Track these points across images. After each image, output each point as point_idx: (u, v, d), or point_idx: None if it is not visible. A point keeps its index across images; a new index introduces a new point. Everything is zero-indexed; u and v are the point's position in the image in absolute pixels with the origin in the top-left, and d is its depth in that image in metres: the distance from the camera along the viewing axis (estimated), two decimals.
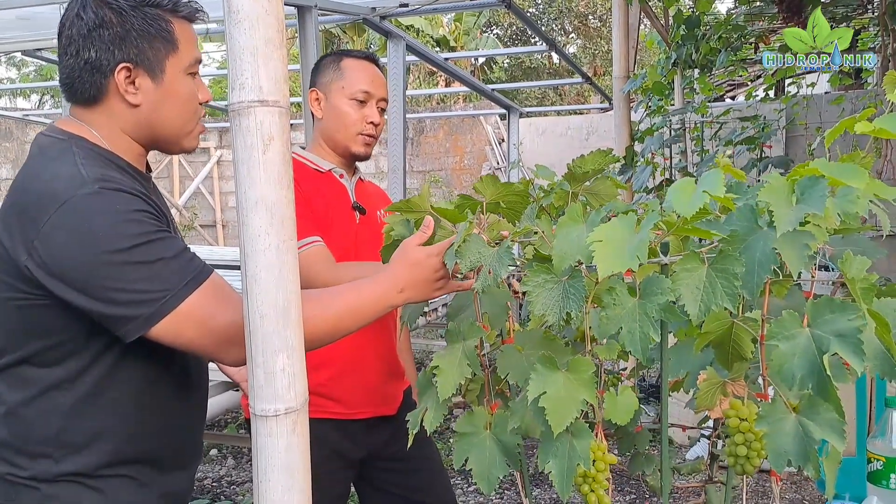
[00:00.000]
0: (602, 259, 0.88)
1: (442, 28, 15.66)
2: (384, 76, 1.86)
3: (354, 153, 1.80)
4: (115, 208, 1.07)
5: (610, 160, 1.34)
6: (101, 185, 1.08)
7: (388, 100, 1.85)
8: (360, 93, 1.76)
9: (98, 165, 1.14)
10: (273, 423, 0.93)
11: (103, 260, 1.05)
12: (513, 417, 1.08)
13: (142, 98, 1.18)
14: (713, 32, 4.24)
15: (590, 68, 15.89)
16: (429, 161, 10.18)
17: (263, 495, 0.95)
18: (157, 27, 1.17)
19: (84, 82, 1.16)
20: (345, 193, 1.82)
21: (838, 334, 0.91)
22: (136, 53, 1.16)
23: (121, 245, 1.05)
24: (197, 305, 1.07)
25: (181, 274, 1.07)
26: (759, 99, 5.74)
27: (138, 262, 1.06)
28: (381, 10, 3.35)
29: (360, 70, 1.79)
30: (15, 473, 1.14)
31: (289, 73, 0.99)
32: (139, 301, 1.06)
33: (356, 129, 1.77)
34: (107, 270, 1.05)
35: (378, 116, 1.79)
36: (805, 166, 0.99)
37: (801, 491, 3.39)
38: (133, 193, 1.10)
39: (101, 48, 1.14)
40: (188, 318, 1.07)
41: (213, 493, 3.54)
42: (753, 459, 1.09)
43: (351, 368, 1.77)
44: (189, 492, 1.35)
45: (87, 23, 1.14)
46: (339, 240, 1.73)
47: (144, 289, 1.06)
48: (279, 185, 0.92)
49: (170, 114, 1.21)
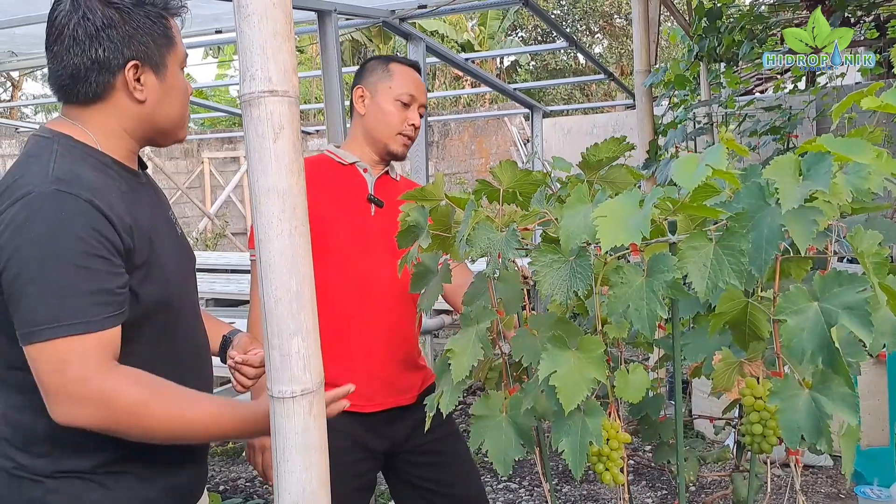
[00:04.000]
0: (605, 233, 0.90)
1: (466, 33, 15.70)
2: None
3: (392, 151, 1.88)
4: (60, 216, 1.07)
5: (624, 148, 1.34)
6: (58, 187, 1.09)
7: (426, 106, 1.93)
8: (405, 95, 1.85)
9: (72, 163, 1.14)
10: (290, 404, 0.96)
11: (25, 263, 1.06)
12: (526, 398, 1.09)
13: (147, 94, 1.21)
14: (736, 24, 4.20)
15: (616, 67, 15.80)
16: (454, 163, 10.22)
17: (283, 476, 0.97)
18: (158, 25, 1.21)
19: (89, 81, 1.18)
20: (363, 186, 1.86)
21: (846, 307, 0.91)
22: (143, 51, 1.19)
23: (44, 256, 1.06)
24: (62, 350, 1.05)
25: (73, 314, 1.06)
26: (788, 91, 5.67)
27: (48, 280, 1.06)
28: (400, 12, 3.38)
29: (407, 75, 1.89)
30: (18, 468, 1.16)
31: (312, 78, 1.02)
32: (27, 318, 1.06)
33: (397, 129, 1.86)
34: (26, 272, 1.06)
35: (418, 120, 1.89)
36: (812, 143, 0.99)
37: (837, 485, 3.34)
38: (94, 204, 1.09)
39: (109, 47, 1.16)
40: (44, 356, 1.05)
41: (245, 493, 3.59)
42: (770, 438, 1.09)
43: (363, 361, 1.79)
44: (199, 484, 1.35)
45: (95, 23, 1.16)
46: (346, 229, 1.79)
47: (36, 307, 1.06)
48: (290, 173, 0.94)
49: (171, 107, 1.25)
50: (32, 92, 19.97)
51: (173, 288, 1.25)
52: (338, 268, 1.78)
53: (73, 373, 1.05)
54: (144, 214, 1.21)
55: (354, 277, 1.80)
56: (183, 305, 1.29)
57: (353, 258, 1.80)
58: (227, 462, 4.06)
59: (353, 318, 1.80)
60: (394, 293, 1.82)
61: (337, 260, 1.78)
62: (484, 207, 1.22)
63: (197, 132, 12.51)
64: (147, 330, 1.20)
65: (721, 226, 0.99)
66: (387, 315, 1.82)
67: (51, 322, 1.05)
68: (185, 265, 1.34)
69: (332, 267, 1.77)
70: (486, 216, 1.14)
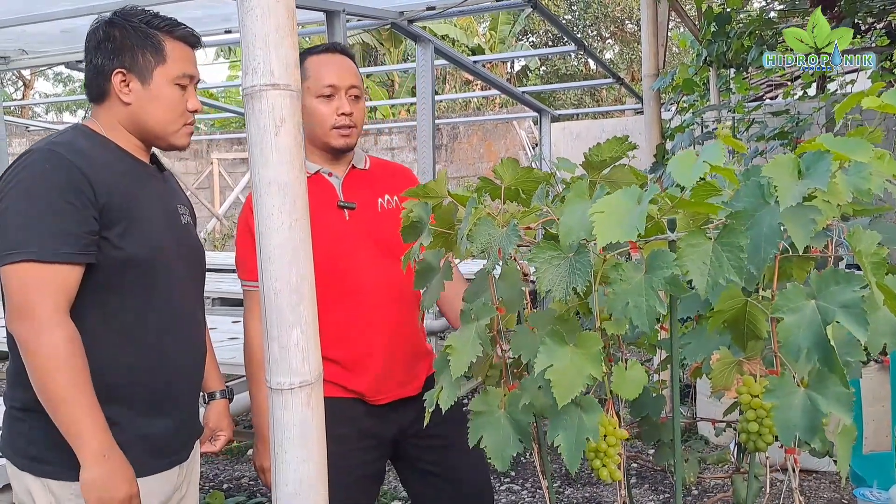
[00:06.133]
0: (602, 230, 0.90)
1: (477, 37, 15.72)
2: (352, 62, 1.85)
3: (334, 147, 1.81)
4: (46, 165, 1.33)
5: (626, 147, 1.35)
6: (51, 147, 1.35)
7: (359, 85, 1.83)
8: (324, 88, 1.77)
9: (74, 138, 1.42)
10: (288, 396, 0.97)
11: (10, 199, 1.32)
12: (524, 394, 1.10)
13: (132, 98, 1.46)
14: (745, 29, 4.19)
15: (627, 73, 15.79)
16: (463, 167, 10.23)
17: (280, 467, 0.98)
18: (150, 42, 1.46)
19: (94, 84, 1.48)
20: (332, 193, 1.83)
21: (843, 305, 0.91)
22: (130, 62, 1.45)
23: (23, 194, 1.31)
24: (26, 270, 1.29)
25: (41, 243, 1.29)
26: (798, 97, 5.65)
27: (25, 214, 1.30)
28: (408, 13, 3.40)
29: (322, 66, 1.80)
30: (13, 405, 1.41)
31: None
32: (3, 242, 1.30)
33: (329, 124, 1.78)
34: (10, 206, 1.32)
35: (349, 106, 1.79)
36: (811, 142, 0.99)
37: (841, 490, 3.32)
38: (76, 165, 1.34)
39: (104, 57, 1.45)
40: (17, 275, 1.30)
41: (249, 491, 3.60)
42: (766, 436, 1.09)
43: (368, 362, 1.80)
44: (175, 440, 1.52)
45: (98, 38, 1.46)
46: (326, 240, 1.75)
47: (12, 235, 1.30)
48: (291, 166, 0.95)
49: (154, 113, 1.48)
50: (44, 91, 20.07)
51: (157, 254, 1.45)
52: (326, 278, 1.72)
53: (31, 297, 1.29)
54: (134, 189, 1.44)
55: (345, 284, 1.78)
56: (172, 277, 1.48)
57: (340, 267, 1.78)
58: (232, 461, 4.08)
59: (353, 323, 1.79)
60: (391, 290, 1.81)
61: (324, 270, 1.69)
62: (487, 205, 1.23)
63: (206, 133, 12.57)
64: (129, 282, 1.42)
65: (720, 224, 0.99)
66: (385, 313, 1.81)
67: (16, 248, 1.29)
68: (181, 249, 1.54)
69: (321, 277, 1.71)
70: (488, 213, 1.15)
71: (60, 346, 1.29)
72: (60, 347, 1.29)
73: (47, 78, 20.10)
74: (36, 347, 1.28)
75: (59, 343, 1.29)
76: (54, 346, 1.28)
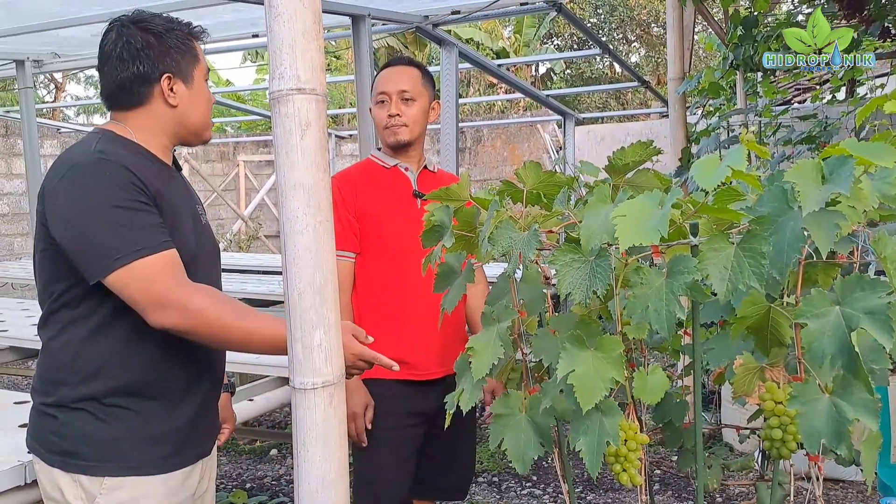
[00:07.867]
0: (624, 233, 0.90)
1: (501, 41, 15.71)
2: (411, 69, 2.10)
3: (389, 144, 2.09)
4: (106, 174, 1.34)
5: (651, 152, 1.34)
6: (101, 156, 1.36)
7: (411, 89, 2.06)
8: (378, 95, 2.08)
9: (111, 145, 1.41)
10: (311, 395, 0.98)
11: (84, 212, 1.32)
12: (545, 397, 1.10)
13: (179, 100, 1.49)
14: (772, 33, 4.15)
15: (653, 76, 15.68)
16: (486, 170, 10.22)
17: (302, 465, 1.00)
18: (186, 45, 1.50)
19: (133, 91, 1.47)
20: (407, 184, 2.10)
21: (868, 311, 0.90)
22: (174, 66, 1.48)
23: (100, 203, 1.32)
24: (140, 268, 1.31)
25: (138, 241, 1.32)
26: (826, 101, 5.58)
27: (110, 222, 1.32)
28: (433, 17, 3.42)
29: (380, 77, 2.11)
30: (43, 402, 1.42)
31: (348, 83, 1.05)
32: (101, 254, 1.31)
33: (382, 125, 2.08)
34: (85, 220, 1.33)
35: (396, 107, 2.04)
36: (835, 147, 0.99)
37: (869, 500, 3.27)
38: (129, 168, 1.36)
39: (147, 63, 1.45)
40: (133, 276, 1.31)
41: (271, 491, 3.63)
42: (790, 443, 1.08)
43: (421, 336, 2.02)
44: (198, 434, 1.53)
45: (136, 45, 1.45)
46: (398, 223, 2.03)
47: (108, 244, 1.31)
48: (316, 169, 0.97)
49: (198, 111, 1.53)
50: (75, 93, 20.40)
51: (193, 253, 1.47)
52: (394, 256, 2.01)
53: (157, 287, 1.31)
54: (167, 191, 1.45)
55: (408, 264, 1.98)
56: (199, 274, 1.47)
57: (406, 247, 1.97)
58: (255, 461, 4.11)
59: (410, 300, 2.02)
60: None
61: (392, 250, 2.02)
62: (509, 208, 1.23)
63: (233, 135, 12.67)
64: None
65: (744, 229, 0.99)
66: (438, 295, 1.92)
67: (123, 251, 1.31)
68: (207, 248, 1.57)
69: (389, 256, 2.02)
70: (509, 216, 1.16)
71: (209, 305, 1.32)
72: (210, 305, 1.32)
73: (78, 81, 20.42)
74: (195, 323, 1.32)
75: (206, 304, 1.32)
76: (205, 308, 1.32)
